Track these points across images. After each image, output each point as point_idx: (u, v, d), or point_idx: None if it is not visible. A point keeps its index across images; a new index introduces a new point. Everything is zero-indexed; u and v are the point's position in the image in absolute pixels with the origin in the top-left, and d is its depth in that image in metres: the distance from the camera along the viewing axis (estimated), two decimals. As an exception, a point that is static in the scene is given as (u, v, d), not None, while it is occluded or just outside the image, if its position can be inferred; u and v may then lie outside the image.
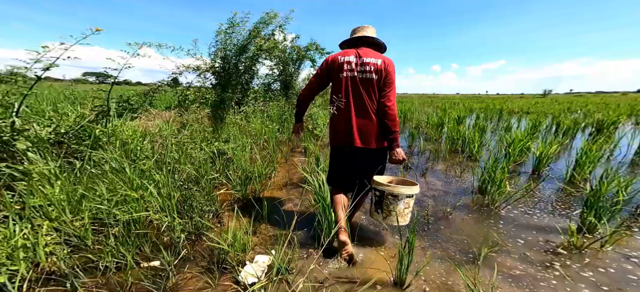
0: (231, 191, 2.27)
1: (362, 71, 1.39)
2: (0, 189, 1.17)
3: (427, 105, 13.73)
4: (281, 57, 4.93)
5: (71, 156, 1.54)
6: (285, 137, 4.25)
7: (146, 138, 2.32)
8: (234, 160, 2.56)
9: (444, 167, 3.34)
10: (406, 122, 7.14)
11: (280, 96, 5.16)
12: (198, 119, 3.32)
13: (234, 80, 3.94)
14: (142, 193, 1.49)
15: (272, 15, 4.10)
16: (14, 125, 1.18)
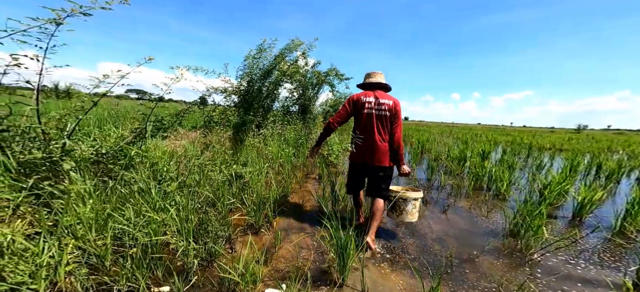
0: (245, 217, 2.28)
1: (379, 109, 1.90)
2: (39, 206, 1.27)
3: (446, 135, 13.28)
4: (302, 81, 5.14)
5: (106, 174, 1.66)
6: (300, 162, 4.29)
7: (173, 158, 2.46)
8: (250, 184, 2.61)
9: (468, 205, 3.14)
10: (424, 153, 6.89)
11: (297, 120, 5.31)
12: (220, 141, 3.48)
13: (256, 103, 4.14)
14: (164, 216, 1.55)
15: (297, 43, 4.35)
16: (64, 146, 1.32)
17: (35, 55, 1.28)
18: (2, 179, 1.15)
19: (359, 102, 1.93)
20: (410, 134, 11.83)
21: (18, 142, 1.26)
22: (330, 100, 6.98)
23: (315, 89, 5.51)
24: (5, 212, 1.15)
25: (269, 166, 3.34)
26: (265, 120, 4.50)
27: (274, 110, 5.00)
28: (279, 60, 4.09)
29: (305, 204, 2.88)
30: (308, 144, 4.80)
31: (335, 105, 7.03)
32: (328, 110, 6.95)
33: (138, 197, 1.62)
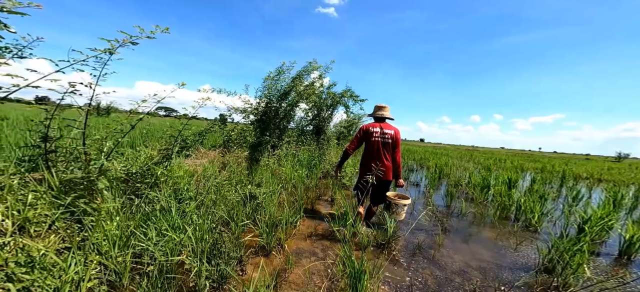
0: (257, 238, 2.28)
1: (384, 138, 2.47)
2: (72, 222, 1.38)
3: (466, 159, 12.55)
4: (317, 102, 5.26)
5: (133, 193, 1.78)
6: (312, 183, 4.29)
7: (193, 177, 2.59)
8: (263, 205, 2.64)
9: (493, 235, 2.91)
10: (443, 178, 6.55)
11: (311, 140, 5.37)
12: (237, 160, 3.61)
13: (273, 124, 4.28)
14: (181, 236, 1.60)
15: (315, 66, 4.53)
16: (101, 167, 1.45)
17: (90, 83, 1.46)
18: (44, 196, 1.27)
19: (368, 132, 2.50)
20: (427, 157, 11.20)
21: (62, 161, 1.41)
22: (344, 122, 7.01)
23: (330, 110, 5.60)
24: (42, 227, 1.26)
25: (283, 186, 3.38)
26: (281, 141, 4.60)
27: (289, 130, 5.11)
28: (296, 83, 4.25)
29: (317, 227, 2.83)
30: (321, 165, 4.81)
31: (349, 126, 7.06)
32: (341, 131, 6.97)
33: (159, 216, 1.70)
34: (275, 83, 4.29)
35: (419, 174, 7.07)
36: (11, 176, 1.28)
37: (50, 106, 1.45)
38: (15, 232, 1.15)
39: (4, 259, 0.93)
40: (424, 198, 4.41)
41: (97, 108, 1.94)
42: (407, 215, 3.27)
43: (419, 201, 4.16)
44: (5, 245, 1.07)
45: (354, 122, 7.45)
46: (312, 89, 4.55)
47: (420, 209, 3.73)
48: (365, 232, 2.40)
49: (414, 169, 8.27)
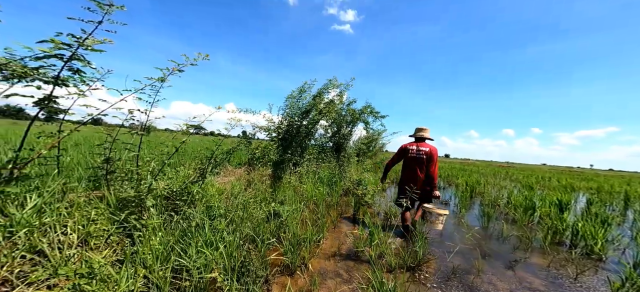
0: (282, 257, 2.30)
1: (418, 154, 2.87)
2: (124, 236, 1.53)
3: (501, 176, 11.53)
4: (336, 119, 5.32)
5: (173, 210, 1.94)
6: (333, 201, 4.26)
7: (222, 194, 2.74)
8: (286, 222, 2.68)
9: (544, 262, 2.62)
10: (475, 197, 6.09)
11: (331, 157, 5.40)
12: (261, 179, 3.74)
13: (295, 142, 4.39)
14: (215, 253, 1.69)
15: (335, 83, 4.65)
16: (150, 186, 1.62)
17: (145, 109, 1.67)
18: (104, 212, 1.44)
19: (406, 150, 3.00)
20: (455, 174, 10.39)
21: (119, 181, 1.60)
22: (364, 138, 6.94)
23: (350, 127, 5.63)
24: (100, 241, 1.42)
25: (304, 204, 3.40)
26: (302, 159, 4.70)
27: (309, 147, 5.20)
28: (317, 101, 4.37)
29: (340, 246, 2.79)
30: (342, 182, 4.78)
31: (369, 142, 6.98)
32: (361, 147, 6.91)
33: (195, 233, 1.82)
34: (296, 101, 4.45)
35: (447, 192, 6.66)
36: (79, 194, 1.47)
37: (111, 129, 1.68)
38: (80, 245, 1.31)
39: (73, 271, 1.07)
40: (455, 218, 4.15)
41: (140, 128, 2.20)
42: (436, 235, 3.15)
43: (449, 221, 3.92)
44: (71, 257, 1.23)
45: (374, 138, 7.36)
46: (332, 107, 4.65)
47: (452, 229, 3.52)
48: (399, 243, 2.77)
49: (441, 186, 7.82)
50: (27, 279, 0.99)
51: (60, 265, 1.08)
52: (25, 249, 1.05)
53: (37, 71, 1.11)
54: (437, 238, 3.12)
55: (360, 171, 5.54)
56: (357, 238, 2.65)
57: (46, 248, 1.09)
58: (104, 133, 1.48)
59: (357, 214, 3.67)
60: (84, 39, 1.14)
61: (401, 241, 2.89)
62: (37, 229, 1.13)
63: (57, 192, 1.37)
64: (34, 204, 1.19)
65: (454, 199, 5.46)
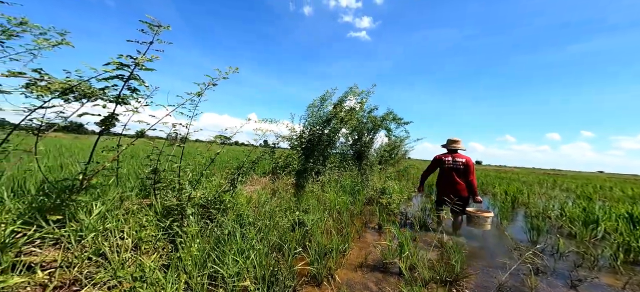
0: (308, 267, 2.30)
1: (456, 164, 3.15)
2: (167, 242, 1.65)
3: (548, 185, 10.30)
4: (357, 127, 5.27)
5: (208, 218, 2.05)
6: (357, 210, 4.18)
7: (250, 203, 2.84)
8: (311, 231, 2.68)
9: (618, 283, 2.29)
10: (517, 207, 5.52)
11: (353, 166, 5.34)
12: (285, 187, 3.82)
13: (317, 151, 4.44)
14: (247, 262, 1.74)
15: (355, 91, 4.65)
16: (189, 195, 1.74)
17: (187, 123, 1.82)
18: (152, 219, 1.57)
19: (441, 161, 3.23)
20: (491, 182, 9.38)
21: (164, 191, 1.74)
22: (386, 145, 6.74)
23: (371, 134, 5.55)
24: (149, 246, 1.55)
25: (328, 213, 3.39)
26: (324, 167, 4.71)
27: (331, 156, 5.20)
28: (338, 110, 4.40)
29: (367, 257, 2.71)
30: (364, 191, 4.70)
31: (392, 149, 6.78)
32: (383, 155, 6.73)
33: (228, 240, 1.89)
34: (318, 110, 4.51)
35: (483, 202, 6.17)
36: (133, 202, 1.63)
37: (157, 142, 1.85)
38: (133, 249, 1.44)
39: (130, 274, 1.17)
40: (495, 230, 3.85)
41: (175, 139, 2.41)
42: (477, 249, 2.97)
43: (488, 233, 3.63)
44: (126, 260, 1.35)
45: (396, 145, 7.13)
46: (353, 114, 4.64)
47: (493, 242, 3.26)
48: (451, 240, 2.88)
49: None
50: (92, 280, 1.11)
51: (118, 268, 1.19)
52: (92, 252, 1.18)
53: (103, 91, 1.28)
54: (475, 250, 2.90)
55: (384, 179, 5.39)
56: (384, 249, 2.56)
57: (108, 251, 1.22)
58: (153, 146, 1.64)
59: (383, 224, 3.56)
60: (139, 58, 1.29)
61: (435, 252, 2.74)
62: (100, 234, 1.27)
63: (115, 200, 1.53)
64: (98, 211, 1.35)
65: (493, 210, 5.06)
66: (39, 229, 1.14)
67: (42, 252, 1.09)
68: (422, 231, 3.39)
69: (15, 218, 1.09)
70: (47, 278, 1.00)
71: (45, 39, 1.20)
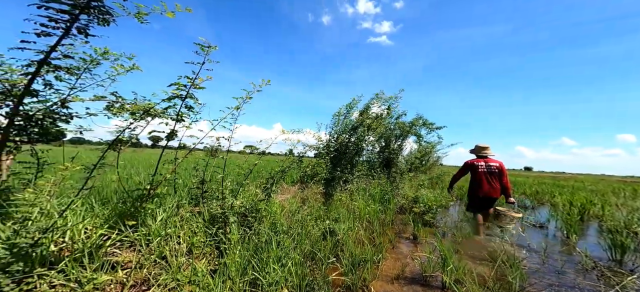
0: (342, 277, 2.26)
1: (489, 169, 3.33)
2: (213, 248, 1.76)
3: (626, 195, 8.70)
4: (384, 134, 5.14)
5: (246, 226, 2.16)
6: (388, 219, 4.04)
7: (282, 211, 2.91)
8: (343, 241, 2.65)
9: None
10: (588, 220, 4.81)
11: (382, 174, 5.20)
12: (314, 196, 3.85)
13: (345, 159, 4.42)
14: (284, 269, 1.78)
15: (383, 97, 4.58)
16: (231, 204, 1.85)
17: (229, 136, 1.96)
18: (201, 226, 1.70)
19: (473, 166, 3.40)
20: (548, 191, 8.18)
21: (209, 200, 1.88)
22: (417, 152, 6.38)
23: (400, 141, 5.38)
24: (199, 251, 1.67)
25: (358, 222, 3.33)
26: (352, 176, 4.67)
27: (358, 164, 5.14)
28: (364, 117, 4.36)
29: (404, 268, 2.58)
30: (395, 200, 4.53)
31: (423, 156, 6.43)
32: (414, 162, 6.40)
33: (265, 248, 1.96)
34: (344, 118, 4.51)
35: (539, 212, 5.46)
36: (186, 210, 1.79)
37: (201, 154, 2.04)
38: (187, 253, 1.57)
39: (187, 277, 1.28)
40: (560, 245, 3.39)
41: (209, 150, 2.60)
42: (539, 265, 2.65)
43: (552, 248, 3.21)
44: (182, 264, 1.48)
45: (428, 152, 6.75)
46: (380, 121, 4.55)
47: (558, 259, 2.88)
48: None
49: (529, 206, 6.32)
50: (158, 281, 1.23)
51: (176, 271, 1.30)
52: (157, 255, 1.32)
53: (166, 111, 1.46)
54: (536, 266, 2.59)
55: (415, 187, 5.14)
56: (424, 261, 2.42)
57: (168, 255, 1.35)
58: (201, 158, 1.79)
59: (418, 234, 3.39)
60: (194, 78, 1.45)
61: (485, 266, 2.51)
62: (162, 238, 1.41)
63: (173, 208, 1.70)
64: (161, 218, 1.51)
65: (554, 222, 4.43)
66: (119, 233, 1.31)
67: (121, 254, 1.24)
68: (466, 242, 3.14)
69: (102, 222, 1.27)
70: (125, 277, 1.14)
71: (121, 65, 1.43)
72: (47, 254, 1.04)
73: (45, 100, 1.24)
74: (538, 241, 3.53)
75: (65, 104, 1.27)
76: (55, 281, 0.99)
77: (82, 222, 1.25)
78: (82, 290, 1.00)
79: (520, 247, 3.16)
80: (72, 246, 1.15)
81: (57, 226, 1.09)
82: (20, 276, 0.92)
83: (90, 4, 1.07)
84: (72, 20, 1.07)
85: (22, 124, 1.15)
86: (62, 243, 1.16)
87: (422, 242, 3.27)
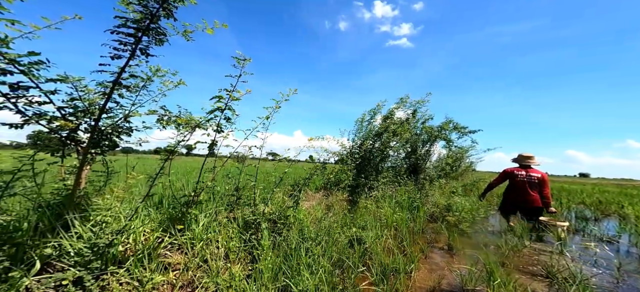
0: (373, 287, 2.18)
1: (530, 178, 3.31)
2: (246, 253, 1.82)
3: None
4: (410, 139, 4.95)
5: (275, 232, 2.20)
6: (418, 227, 3.84)
7: (309, 218, 2.93)
8: (372, 249, 2.57)
9: None
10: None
11: (408, 180, 4.99)
12: (339, 203, 3.82)
13: (370, 166, 4.34)
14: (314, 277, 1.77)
15: (409, 101, 4.44)
16: (263, 211, 1.91)
17: (260, 145, 2.04)
18: (236, 232, 1.77)
19: (512, 174, 3.39)
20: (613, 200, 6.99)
21: (242, 206, 1.96)
22: (448, 158, 5.91)
23: (427, 146, 5.13)
24: (234, 255, 1.73)
25: (387, 230, 3.21)
26: (377, 182, 4.56)
27: (384, 170, 5.01)
28: (389, 123, 4.25)
29: (440, 280, 2.41)
30: (425, 207, 4.30)
31: (454, 162, 5.98)
32: (444, 168, 5.96)
33: (295, 254, 1.97)
34: (368, 124, 4.45)
35: (604, 225, 4.75)
36: (224, 216, 1.88)
37: (223, 161, 2.14)
38: (224, 258, 1.64)
39: (227, 282, 1.33)
40: (638, 263, 2.97)
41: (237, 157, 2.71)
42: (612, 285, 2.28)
43: (628, 266, 2.76)
44: (220, 268, 1.54)
45: (457, 156, 6.28)
46: (404, 127, 4.41)
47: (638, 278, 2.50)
48: None
49: (590, 217, 5.51)
50: (201, 283, 1.30)
51: (215, 274, 1.36)
52: (200, 258, 1.40)
53: (208, 122, 1.58)
54: (607, 286, 2.27)
55: (447, 195, 4.83)
56: (464, 273, 2.25)
57: (209, 258, 1.42)
58: (235, 166, 1.88)
59: (454, 244, 3.17)
60: (231, 90, 1.56)
61: (541, 282, 2.26)
62: (204, 242, 1.50)
63: (212, 213, 1.80)
64: (203, 223, 1.61)
65: (627, 237, 3.81)
66: (170, 236, 1.43)
67: (172, 256, 1.35)
68: (513, 254, 2.86)
69: (156, 226, 1.39)
70: (174, 278, 1.23)
71: (170, 81, 1.59)
72: (117, 253, 1.17)
73: (113, 116, 1.42)
74: (607, 257, 3.09)
75: (127, 119, 1.44)
76: (122, 279, 1.10)
77: (143, 226, 1.38)
78: (142, 289, 1.09)
79: (582, 262, 2.78)
80: (134, 247, 1.27)
81: (126, 229, 1.23)
82: (98, 272, 1.04)
83: (149, 26, 1.22)
84: (137, 42, 1.22)
85: (97, 138, 1.33)
86: (127, 244, 1.28)
87: (459, 253, 3.05)
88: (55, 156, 1.29)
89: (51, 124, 1.23)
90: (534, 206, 3.30)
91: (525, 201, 3.29)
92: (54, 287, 1.02)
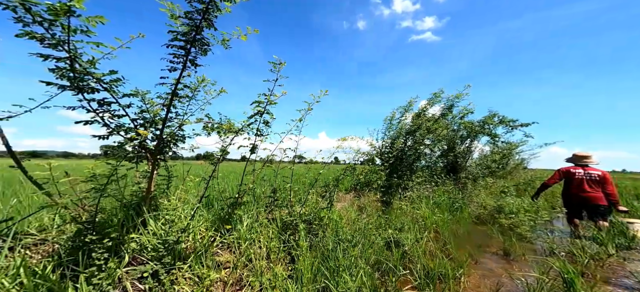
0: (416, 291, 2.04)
1: (589, 176, 3.16)
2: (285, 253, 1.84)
3: None
4: (447, 136, 4.57)
5: (312, 233, 2.20)
6: (462, 230, 3.52)
7: (342, 219, 2.88)
8: (411, 252, 2.42)
9: None
10: None
11: (447, 180, 4.60)
12: (371, 204, 3.69)
13: (404, 165, 4.12)
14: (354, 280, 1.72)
15: (447, 97, 4.12)
16: (300, 212, 1.92)
17: (294, 148, 2.08)
18: (276, 232, 1.81)
19: (569, 173, 3.25)
20: None
21: (280, 208, 2.01)
22: (493, 154, 5.24)
23: (467, 142, 4.69)
24: (275, 255, 1.77)
25: (426, 232, 3.01)
26: (411, 182, 4.31)
27: (418, 170, 4.72)
28: (422, 120, 4.00)
29: (497, 289, 2.16)
30: (468, 208, 3.92)
31: (501, 159, 5.27)
32: (490, 165, 5.27)
33: (332, 256, 1.94)
34: (398, 122, 4.23)
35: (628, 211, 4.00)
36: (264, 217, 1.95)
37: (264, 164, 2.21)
38: (266, 257, 1.68)
39: (272, 282, 1.36)
40: None
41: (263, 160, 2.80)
42: None
43: None
44: (263, 267, 1.59)
45: (504, 153, 5.51)
46: (439, 123, 4.09)
47: None
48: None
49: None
50: (248, 281, 1.35)
51: (259, 273, 1.40)
52: (245, 258, 1.46)
53: (249, 127, 1.66)
54: None
55: (497, 195, 4.32)
56: (531, 282, 1.98)
57: (253, 257, 1.47)
58: (272, 168, 1.94)
59: (511, 249, 2.83)
60: (270, 94, 1.62)
61: None
62: (248, 242, 1.56)
63: (254, 214, 1.88)
64: (247, 223, 1.68)
65: None
66: (220, 235, 1.52)
67: (222, 254, 1.43)
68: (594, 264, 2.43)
69: (209, 225, 1.50)
70: (226, 276, 1.30)
71: (213, 90, 1.71)
72: (181, 250, 1.29)
73: (171, 125, 1.59)
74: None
75: (181, 127, 1.59)
76: (186, 274, 1.20)
77: (199, 225, 1.50)
78: (201, 284, 1.18)
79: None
80: (193, 245, 1.38)
81: (189, 227, 1.35)
82: (168, 267, 1.16)
83: (195, 38, 1.33)
84: (187, 54, 1.35)
85: (161, 145, 1.49)
86: (188, 242, 1.40)
87: (519, 259, 2.70)
88: (132, 162, 1.50)
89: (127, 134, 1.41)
90: (598, 203, 3.08)
91: (587, 198, 3.10)
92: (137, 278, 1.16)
